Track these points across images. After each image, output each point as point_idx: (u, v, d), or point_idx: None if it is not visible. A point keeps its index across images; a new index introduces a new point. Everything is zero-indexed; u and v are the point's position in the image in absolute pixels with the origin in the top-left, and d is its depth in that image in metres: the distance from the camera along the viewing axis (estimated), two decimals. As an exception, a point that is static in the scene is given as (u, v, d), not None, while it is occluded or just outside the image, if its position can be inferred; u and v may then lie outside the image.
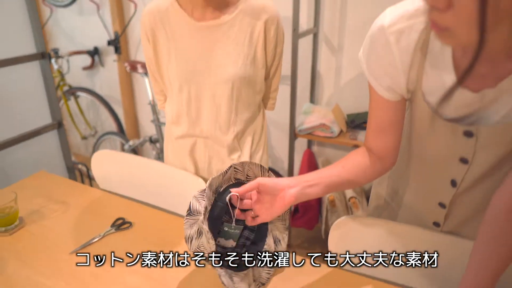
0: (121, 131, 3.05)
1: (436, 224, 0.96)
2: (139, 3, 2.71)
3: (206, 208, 0.81)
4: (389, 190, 1.08)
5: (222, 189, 0.89)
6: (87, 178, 2.91)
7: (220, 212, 0.88)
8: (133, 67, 2.61)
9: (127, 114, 3.10)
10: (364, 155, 0.89)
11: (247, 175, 0.90)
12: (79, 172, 2.78)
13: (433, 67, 0.74)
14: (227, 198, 0.84)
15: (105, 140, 3.05)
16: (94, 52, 3.03)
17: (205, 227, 0.78)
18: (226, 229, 0.90)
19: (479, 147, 0.78)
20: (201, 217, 0.81)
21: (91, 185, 2.90)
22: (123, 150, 2.90)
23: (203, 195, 0.84)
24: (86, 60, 3.10)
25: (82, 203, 1.24)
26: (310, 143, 2.48)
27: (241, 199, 0.84)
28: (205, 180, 1.24)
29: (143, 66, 2.58)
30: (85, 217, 1.18)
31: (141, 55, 2.88)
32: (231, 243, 0.91)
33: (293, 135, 2.10)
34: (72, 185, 1.40)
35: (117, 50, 2.84)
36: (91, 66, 3.10)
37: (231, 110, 1.18)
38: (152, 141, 2.75)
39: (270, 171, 0.91)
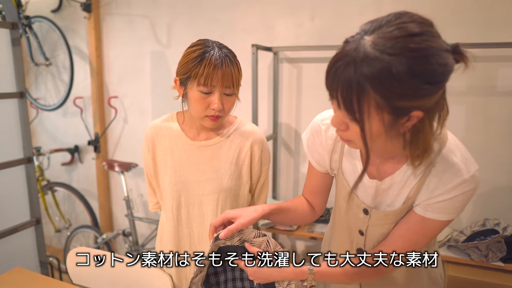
0: (95, 225, 3.15)
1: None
2: (119, 109, 3.02)
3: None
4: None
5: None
6: (57, 271, 2.94)
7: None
8: (111, 166, 2.83)
9: (102, 208, 3.24)
10: (305, 203, 1.19)
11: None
12: (49, 265, 2.82)
13: (349, 154, 1.03)
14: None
15: (79, 233, 3.14)
16: (74, 150, 3.26)
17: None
18: None
19: (371, 224, 1.03)
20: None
21: (61, 278, 2.93)
22: (96, 243, 2.99)
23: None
24: (66, 156, 3.31)
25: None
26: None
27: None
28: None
29: (120, 165, 2.80)
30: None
31: (118, 154, 3.12)
32: None
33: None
34: (47, 281, 1.51)
35: (96, 149, 3.08)
36: (70, 162, 3.31)
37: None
38: (125, 234, 2.87)
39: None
